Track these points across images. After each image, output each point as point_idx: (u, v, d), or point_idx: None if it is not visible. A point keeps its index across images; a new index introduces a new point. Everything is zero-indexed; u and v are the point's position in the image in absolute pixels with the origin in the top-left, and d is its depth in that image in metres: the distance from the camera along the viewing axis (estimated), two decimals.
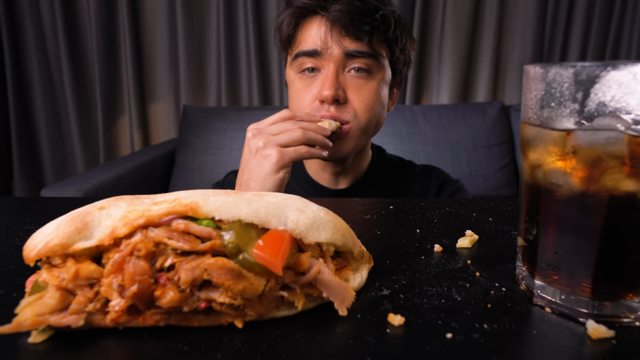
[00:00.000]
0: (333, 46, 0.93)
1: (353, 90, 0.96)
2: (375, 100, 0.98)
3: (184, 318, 0.36)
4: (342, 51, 0.93)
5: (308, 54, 0.96)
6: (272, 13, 2.49)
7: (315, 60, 0.96)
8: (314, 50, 0.95)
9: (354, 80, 0.96)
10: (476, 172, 2.17)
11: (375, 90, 0.98)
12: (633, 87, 0.33)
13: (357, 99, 0.96)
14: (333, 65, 0.94)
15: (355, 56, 0.94)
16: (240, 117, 2.26)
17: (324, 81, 0.94)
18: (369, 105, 0.97)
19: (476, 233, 0.59)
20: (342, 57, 0.94)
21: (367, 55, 0.95)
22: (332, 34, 0.93)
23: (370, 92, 0.97)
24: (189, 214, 0.36)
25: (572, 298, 0.39)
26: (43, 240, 0.35)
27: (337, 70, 0.95)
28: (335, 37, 0.93)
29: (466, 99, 2.62)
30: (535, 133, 0.40)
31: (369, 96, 0.97)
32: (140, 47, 2.59)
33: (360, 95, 0.96)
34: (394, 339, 0.35)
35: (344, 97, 0.95)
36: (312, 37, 0.95)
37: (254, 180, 0.84)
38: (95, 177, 1.78)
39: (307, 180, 1.15)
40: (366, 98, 0.96)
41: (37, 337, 0.34)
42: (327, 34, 0.93)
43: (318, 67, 0.97)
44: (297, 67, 1.00)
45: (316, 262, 0.39)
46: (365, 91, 0.97)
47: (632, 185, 0.34)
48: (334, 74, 0.94)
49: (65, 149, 2.72)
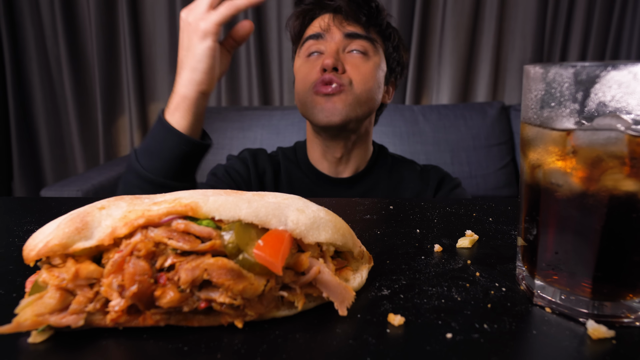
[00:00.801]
0: (333, 29, 1.09)
1: (351, 65, 1.08)
2: (371, 76, 1.10)
3: (184, 318, 0.36)
4: (342, 33, 1.08)
5: (313, 37, 1.11)
6: (272, 13, 2.49)
7: (319, 44, 1.10)
8: (318, 34, 1.10)
9: (353, 59, 1.09)
10: (476, 172, 2.17)
11: (371, 68, 1.10)
12: (633, 87, 0.33)
13: (354, 72, 1.08)
14: (334, 45, 1.09)
15: (354, 37, 1.09)
16: (240, 117, 2.26)
17: (327, 54, 1.08)
18: (364, 78, 1.08)
19: (476, 233, 0.59)
20: (342, 38, 1.09)
21: (364, 38, 1.09)
22: (334, 20, 1.09)
23: (367, 68, 1.09)
24: (189, 214, 0.36)
25: (572, 298, 0.39)
26: (43, 240, 0.35)
27: (338, 49, 1.09)
28: (337, 22, 1.09)
29: (466, 99, 2.61)
30: (535, 133, 0.40)
31: (365, 71, 1.09)
32: (140, 47, 2.59)
33: (358, 70, 1.08)
34: (394, 339, 0.35)
35: (343, 68, 1.07)
36: (316, 25, 1.12)
37: (185, 54, 0.86)
38: (95, 177, 1.78)
39: (309, 167, 1.22)
40: (363, 72, 1.08)
41: (37, 337, 0.34)
42: (330, 20, 1.09)
43: (321, 50, 1.10)
44: (304, 52, 1.13)
45: (316, 262, 0.39)
46: (362, 67, 1.09)
47: (632, 185, 0.34)
48: (335, 50, 1.08)
49: (65, 149, 2.72)
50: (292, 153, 1.28)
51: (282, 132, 2.19)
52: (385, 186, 1.21)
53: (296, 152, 1.28)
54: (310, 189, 1.20)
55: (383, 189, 1.20)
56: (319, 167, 1.21)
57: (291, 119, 2.21)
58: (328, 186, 1.19)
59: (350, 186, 1.19)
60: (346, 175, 1.20)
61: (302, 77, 1.11)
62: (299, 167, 1.24)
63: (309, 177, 1.21)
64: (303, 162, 1.24)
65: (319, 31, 1.10)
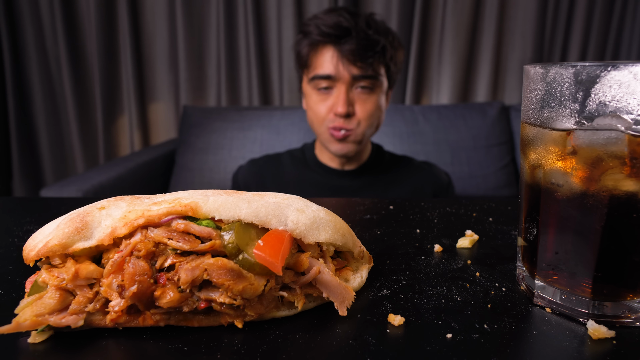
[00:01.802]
0: (344, 72, 1.21)
1: (359, 103, 1.25)
2: (376, 109, 1.28)
3: (184, 318, 0.36)
4: (350, 75, 1.22)
5: (323, 78, 1.24)
6: (272, 13, 2.49)
7: (329, 82, 1.24)
8: (328, 75, 1.23)
9: (360, 96, 1.25)
10: (476, 172, 2.17)
11: (375, 102, 1.28)
12: (633, 87, 0.33)
13: (361, 111, 1.25)
14: (344, 87, 1.23)
15: (361, 78, 1.23)
16: (240, 117, 2.26)
17: (338, 99, 1.23)
18: (369, 115, 1.27)
19: (476, 233, 0.59)
20: (350, 79, 1.23)
21: (370, 77, 1.23)
22: (342, 63, 1.21)
23: (372, 104, 1.27)
24: (189, 214, 0.36)
25: (572, 298, 0.39)
26: (43, 240, 0.35)
27: (347, 89, 1.23)
28: (345, 66, 1.21)
29: (466, 99, 2.61)
30: (535, 133, 0.39)
31: (370, 107, 1.26)
32: (140, 47, 2.58)
33: (364, 108, 1.26)
34: (394, 339, 0.35)
35: (353, 111, 1.25)
36: (326, 64, 1.23)
37: None
38: (95, 177, 1.78)
39: (318, 165, 1.41)
40: (368, 109, 1.26)
41: (36, 337, 0.34)
42: (339, 63, 1.21)
43: (331, 86, 1.25)
44: (313, 85, 1.28)
45: (316, 262, 0.39)
46: (368, 103, 1.26)
47: (633, 186, 0.34)
48: (345, 93, 1.23)
49: (65, 149, 2.72)
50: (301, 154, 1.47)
51: (282, 132, 2.19)
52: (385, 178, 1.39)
53: (304, 153, 1.44)
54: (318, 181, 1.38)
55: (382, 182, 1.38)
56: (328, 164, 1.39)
57: (291, 119, 2.21)
58: (335, 177, 1.37)
59: (356, 176, 1.38)
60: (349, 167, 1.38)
61: (316, 113, 1.28)
62: (308, 166, 1.42)
63: (318, 173, 1.40)
64: (312, 161, 1.42)
65: (329, 73, 1.22)
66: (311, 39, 1.24)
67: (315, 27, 1.23)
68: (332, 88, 1.25)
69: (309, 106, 1.32)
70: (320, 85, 1.25)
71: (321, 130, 1.29)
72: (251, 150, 2.17)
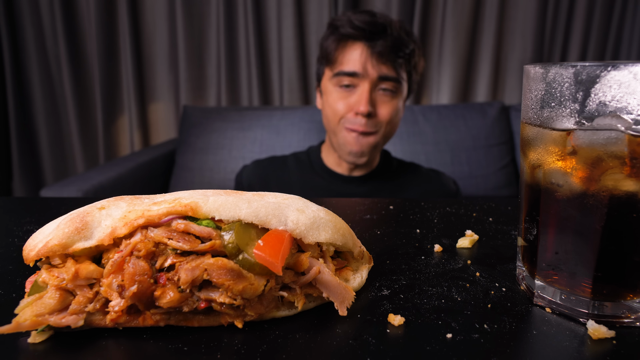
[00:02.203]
0: (371, 71, 1.17)
1: (380, 105, 1.22)
2: (396, 114, 1.24)
3: (184, 318, 0.36)
4: (377, 75, 1.18)
5: (348, 74, 1.19)
6: (272, 13, 2.49)
7: (353, 79, 1.19)
8: (354, 72, 1.18)
9: (382, 98, 1.21)
10: (476, 172, 2.17)
11: (396, 106, 1.24)
12: (633, 87, 0.33)
13: (383, 113, 1.21)
14: (368, 85, 1.18)
15: (386, 80, 1.19)
16: (240, 117, 2.26)
17: (361, 97, 1.18)
18: (390, 119, 1.23)
19: (476, 233, 0.59)
20: (376, 79, 1.18)
21: (395, 80, 1.20)
22: (371, 61, 1.17)
23: (393, 108, 1.23)
24: (189, 214, 0.36)
25: (572, 298, 0.39)
26: (43, 240, 0.35)
27: (371, 89, 1.19)
28: (374, 64, 1.17)
29: (466, 99, 2.61)
30: (535, 133, 0.39)
31: (391, 111, 1.22)
32: (140, 47, 2.58)
33: (386, 110, 1.22)
34: (394, 339, 0.35)
35: (375, 112, 1.20)
36: (353, 61, 1.18)
37: None
38: (95, 177, 1.78)
39: (324, 169, 1.35)
40: (389, 113, 1.22)
41: (36, 337, 0.34)
42: (368, 61, 1.17)
43: (354, 84, 1.20)
44: (336, 82, 1.22)
45: (316, 262, 0.39)
46: (389, 107, 1.22)
47: (633, 186, 0.34)
48: (369, 92, 1.18)
49: (65, 149, 2.72)
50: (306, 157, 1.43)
51: (282, 132, 2.19)
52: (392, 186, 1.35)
53: (310, 156, 1.43)
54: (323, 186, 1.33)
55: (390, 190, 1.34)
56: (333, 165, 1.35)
57: (291, 119, 2.21)
58: (341, 182, 1.33)
59: (362, 183, 1.33)
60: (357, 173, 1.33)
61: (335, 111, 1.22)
62: (314, 169, 1.38)
63: (324, 178, 1.35)
64: (318, 165, 1.37)
65: (356, 70, 1.17)
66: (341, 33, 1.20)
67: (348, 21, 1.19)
68: (355, 87, 1.20)
69: (327, 103, 1.26)
70: (342, 82, 1.21)
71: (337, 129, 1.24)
72: (251, 150, 2.17)
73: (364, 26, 1.17)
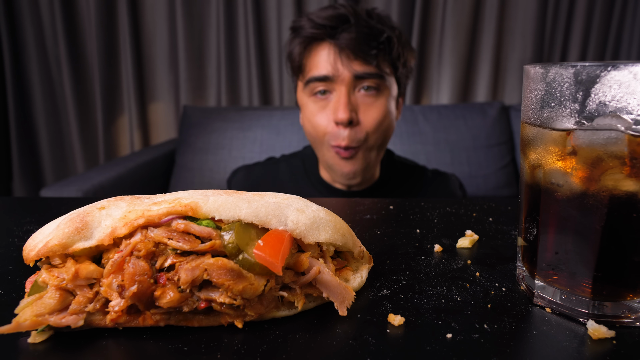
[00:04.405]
0: (343, 70, 1.00)
1: (364, 109, 1.03)
2: (384, 116, 1.05)
3: (184, 318, 0.36)
4: (351, 74, 1.00)
5: (320, 79, 1.03)
6: (272, 13, 2.49)
7: (327, 84, 1.03)
8: (325, 76, 1.02)
9: (364, 99, 1.03)
10: (476, 172, 2.17)
11: (383, 106, 1.05)
12: (633, 87, 0.33)
13: (367, 119, 1.03)
14: (344, 88, 1.01)
15: (364, 77, 1.01)
16: (240, 117, 2.26)
17: (338, 104, 1.01)
18: (378, 123, 1.04)
19: (476, 233, 0.59)
20: (352, 79, 1.01)
21: (375, 76, 1.02)
22: (341, 59, 1.00)
23: (379, 109, 1.04)
24: (189, 214, 0.36)
25: (572, 298, 0.39)
26: (43, 240, 0.35)
27: (348, 91, 1.02)
28: (345, 62, 1.00)
29: (466, 99, 2.61)
30: (535, 133, 0.39)
31: (378, 114, 1.04)
32: (140, 47, 2.58)
33: (371, 114, 1.03)
34: (394, 339, 0.35)
35: (357, 119, 1.02)
36: (322, 63, 1.02)
37: None
38: (95, 177, 1.78)
39: (319, 181, 1.20)
40: (376, 117, 1.04)
41: (36, 337, 0.34)
42: (337, 60, 1.00)
43: (329, 89, 1.04)
44: (309, 91, 1.06)
45: (316, 262, 0.39)
46: (374, 109, 1.04)
47: (633, 185, 0.34)
48: (346, 96, 1.01)
49: (65, 149, 2.72)
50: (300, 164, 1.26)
51: (282, 132, 2.19)
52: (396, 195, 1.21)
53: (304, 163, 1.25)
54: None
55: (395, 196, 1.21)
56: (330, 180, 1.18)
57: (291, 119, 2.21)
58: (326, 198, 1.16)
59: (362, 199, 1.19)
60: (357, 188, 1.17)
61: (315, 126, 1.06)
62: (308, 179, 1.22)
63: (319, 191, 1.19)
64: (312, 175, 1.21)
65: (326, 73, 1.01)
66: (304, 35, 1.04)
67: (308, 21, 1.03)
68: (331, 93, 1.04)
69: (306, 119, 1.09)
70: (316, 89, 1.04)
71: (323, 150, 1.07)
72: (251, 150, 2.17)
73: (326, 22, 1.01)
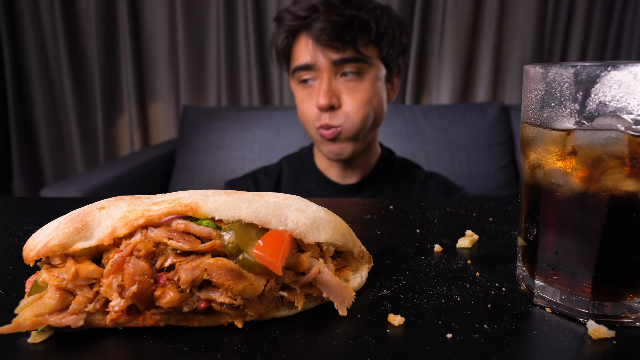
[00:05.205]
0: (321, 58, 1.05)
1: (346, 93, 1.07)
2: (369, 98, 1.09)
3: (184, 318, 0.36)
4: (329, 61, 1.05)
5: (302, 68, 1.09)
6: (272, 13, 2.48)
7: (310, 72, 1.09)
8: (307, 65, 1.07)
9: (347, 84, 1.08)
10: (476, 172, 2.17)
11: (367, 89, 1.08)
12: (633, 87, 0.33)
13: (349, 102, 1.07)
14: (326, 75, 1.06)
15: (343, 63, 1.05)
16: (240, 117, 2.26)
17: (319, 90, 1.06)
18: (361, 105, 1.07)
19: (476, 233, 0.59)
20: (331, 66, 1.06)
21: (354, 60, 1.05)
22: (317, 47, 1.05)
23: (363, 92, 1.08)
24: (189, 214, 0.36)
25: (572, 298, 0.39)
26: (43, 240, 0.35)
27: (330, 78, 1.07)
28: (321, 50, 1.05)
29: (466, 99, 2.61)
30: (535, 133, 0.39)
31: (361, 96, 1.07)
32: (140, 47, 2.58)
33: (353, 97, 1.07)
34: (394, 339, 0.35)
35: (338, 103, 1.07)
36: (302, 53, 1.08)
37: None
38: (95, 177, 1.78)
39: (318, 175, 1.24)
40: (359, 99, 1.07)
41: (36, 337, 0.34)
42: (314, 49, 1.05)
43: (314, 77, 1.09)
44: (296, 79, 1.13)
45: (316, 262, 0.39)
46: (357, 92, 1.07)
47: (633, 186, 0.34)
48: (327, 83, 1.06)
49: (65, 149, 2.72)
50: (298, 161, 1.32)
51: (282, 132, 2.19)
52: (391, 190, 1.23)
53: (302, 160, 1.31)
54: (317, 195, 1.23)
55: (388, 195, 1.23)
56: (327, 173, 1.24)
57: (291, 119, 2.21)
58: (336, 193, 1.22)
59: (358, 191, 1.23)
60: (353, 181, 1.22)
61: (303, 112, 1.13)
62: (307, 174, 1.27)
63: (318, 185, 1.24)
64: (310, 169, 1.27)
65: (306, 62, 1.07)
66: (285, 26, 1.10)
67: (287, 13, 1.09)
68: (315, 80, 1.09)
69: (297, 106, 1.18)
70: (302, 78, 1.11)
71: (312, 133, 1.14)
72: (251, 150, 2.17)
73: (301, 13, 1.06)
